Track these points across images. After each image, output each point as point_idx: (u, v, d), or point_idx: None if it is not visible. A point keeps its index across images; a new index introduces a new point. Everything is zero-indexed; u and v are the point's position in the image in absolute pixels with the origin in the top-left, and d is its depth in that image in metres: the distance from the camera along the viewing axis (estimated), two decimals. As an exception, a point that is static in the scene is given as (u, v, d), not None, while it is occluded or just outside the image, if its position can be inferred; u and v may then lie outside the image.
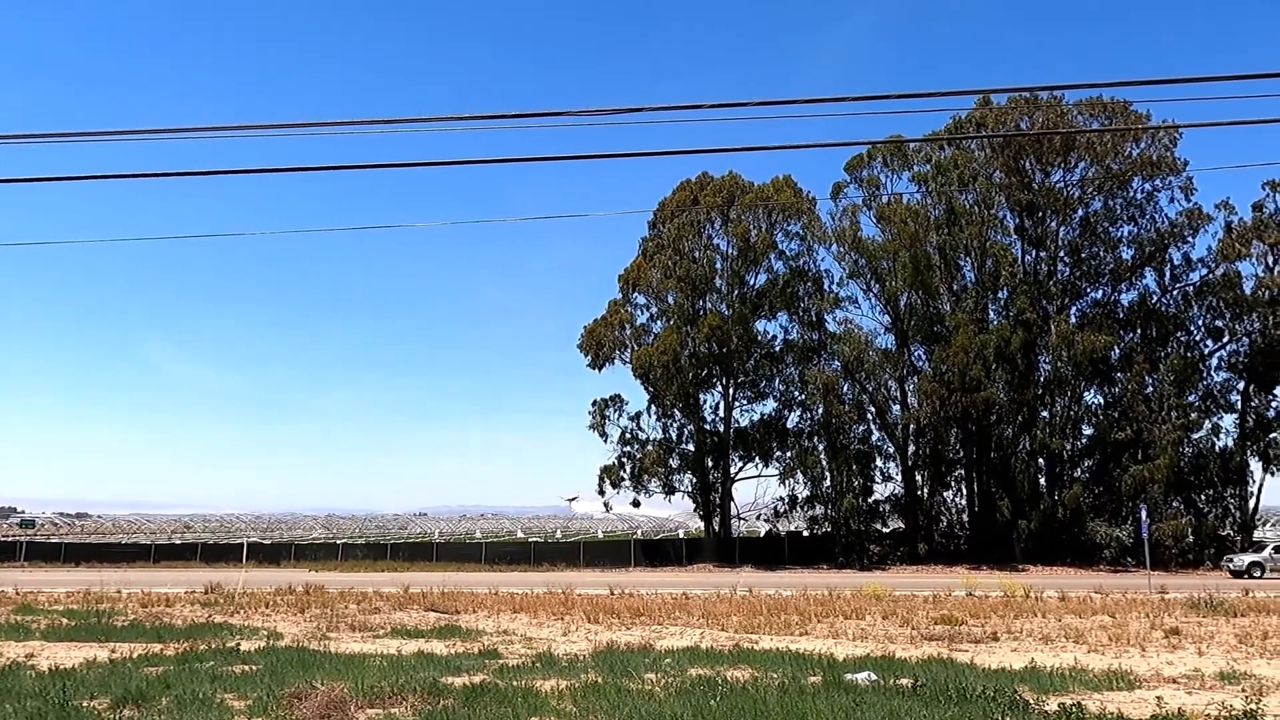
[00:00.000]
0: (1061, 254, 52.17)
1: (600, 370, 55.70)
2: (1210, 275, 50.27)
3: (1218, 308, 50.32)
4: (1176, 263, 51.25)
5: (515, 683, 11.43)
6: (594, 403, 56.18)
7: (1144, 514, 33.45)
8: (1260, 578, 39.43)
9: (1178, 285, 51.41)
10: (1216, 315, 50.66)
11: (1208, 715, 9.47)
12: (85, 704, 10.20)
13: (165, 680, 11.74)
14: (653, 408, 55.39)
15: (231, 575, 36.84)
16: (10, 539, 71.86)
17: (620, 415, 55.97)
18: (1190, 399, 49.09)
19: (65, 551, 61.00)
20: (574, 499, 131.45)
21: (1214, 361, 51.08)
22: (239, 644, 16.07)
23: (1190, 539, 46.22)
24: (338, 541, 70.85)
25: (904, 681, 11.39)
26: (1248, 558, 41.94)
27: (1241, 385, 50.17)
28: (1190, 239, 50.63)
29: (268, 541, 72.75)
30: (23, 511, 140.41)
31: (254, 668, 13.02)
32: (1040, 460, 51.00)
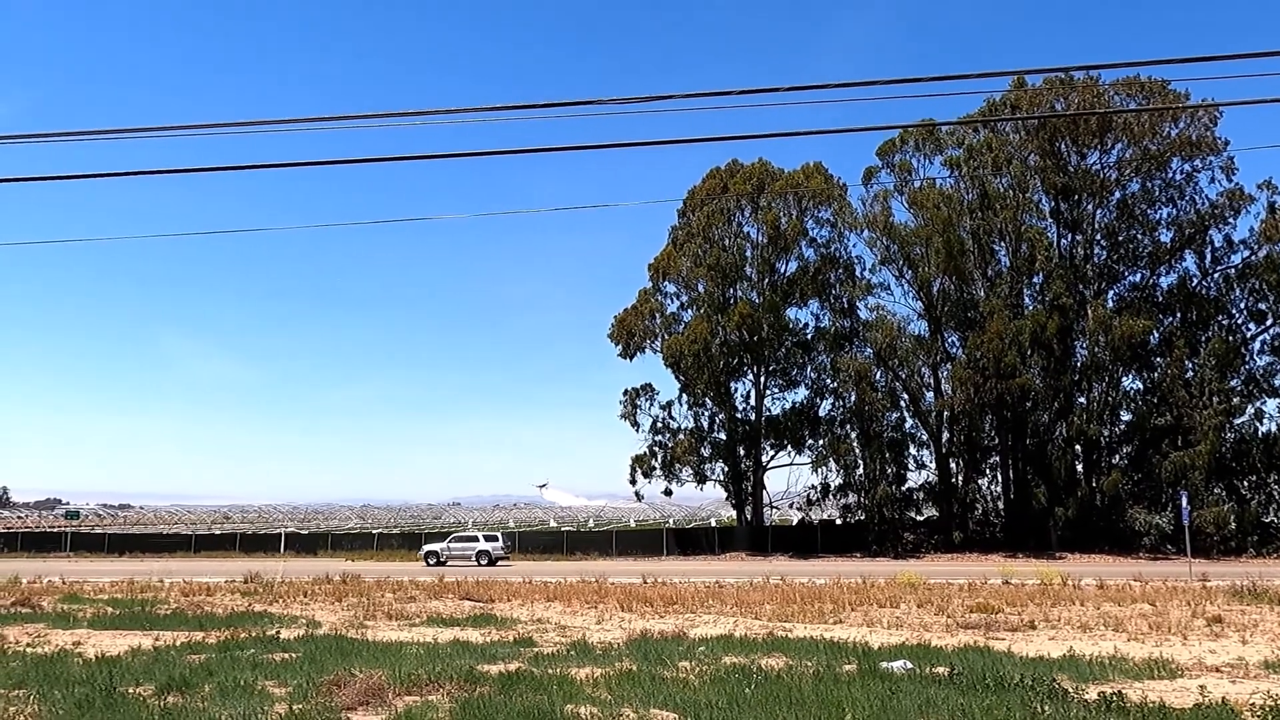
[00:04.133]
0: (1098, 237, 51.31)
1: (631, 359, 55.85)
2: (1253, 257, 49.18)
3: (1260, 290, 49.20)
4: (1217, 244, 50.24)
5: (550, 670, 11.50)
6: (625, 392, 56.33)
7: (1184, 501, 32.87)
8: (438, 565, 43.67)
9: (1219, 268, 50.36)
10: (1259, 298, 49.54)
11: (1252, 704, 9.30)
12: (131, 691, 10.40)
13: (208, 668, 11.96)
14: (684, 396, 55.39)
15: (270, 565, 37.43)
16: (56, 530, 73.61)
17: (651, 404, 56.08)
18: (1232, 383, 48.10)
19: (109, 542, 62.35)
20: (544, 485, 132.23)
21: (1256, 345, 50.04)
22: (279, 632, 16.32)
23: (1233, 526, 45.34)
24: (373, 531, 71.67)
25: (940, 670, 11.31)
26: (427, 547, 46.82)
27: (1285, 369, 49.10)
28: (1231, 220, 49.59)
29: (305, 532, 73.79)
30: (67, 503, 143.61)
31: (294, 656, 13.22)
32: (1077, 447, 50.29)
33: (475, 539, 46.99)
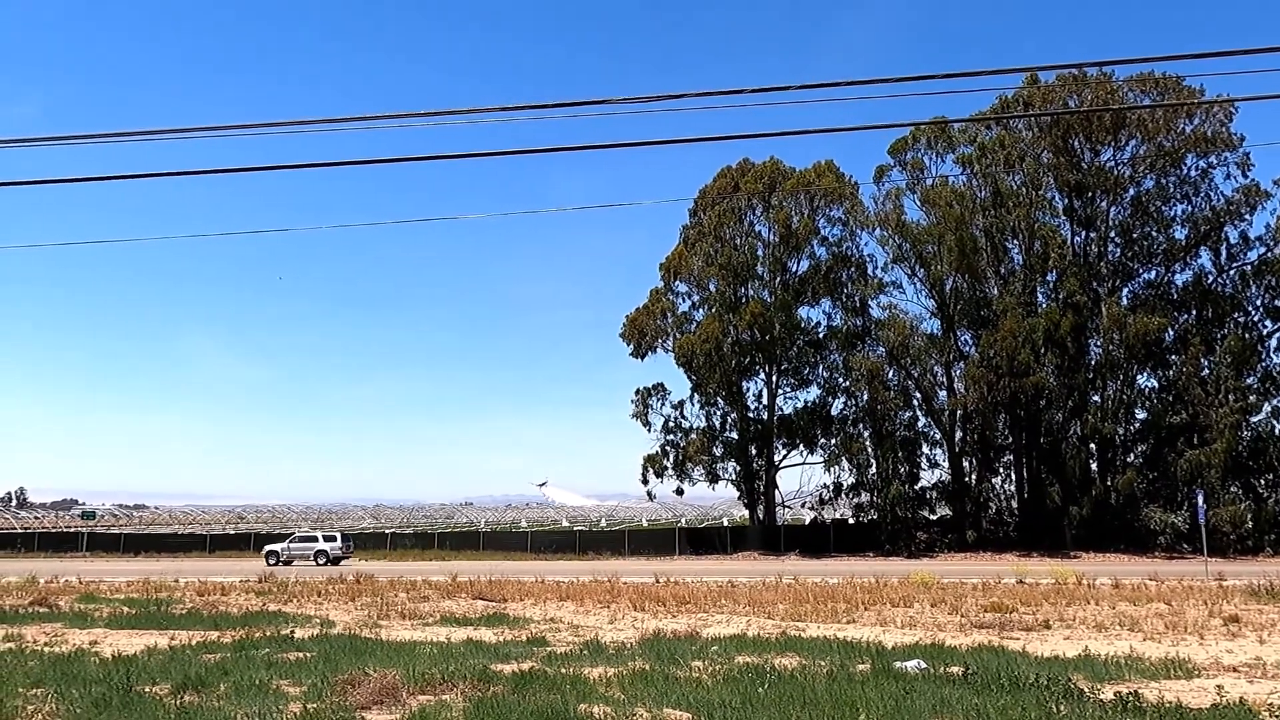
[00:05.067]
0: (1112, 234, 51.01)
1: (642, 359, 55.90)
2: (1269, 254, 48.87)
3: (1277, 287, 48.90)
4: (1233, 241, 49.94)
5: (564, 670, 11.51)
6: (637, 391, 56.38)
7: (1200, 499, 32.63)
8: (278, 564, 45.86)
9: (1234, 264, 50.03)
10: (1276, 295, 49.21)
11: (1270, 705, 9.23)
12: (147, 690, 10.46)
13: (223, 667, 12.01)
14: (695, 396, 55.40)
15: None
16: (72, 530, 74.16)
17: (663, 404, 56.12)
18: (1249, 381, 47.77)
19: (124, 542, 62.81)
20: (543, 484, 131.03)
21: (1273, 343, 49.73)
22: (293, 632, 16.38)
23: (1249, 525, 45.04)
24: (386, 531, 71.96)
25: (954, 669, 11.26)
26: (268, 547, 49.80)
27: (1303, 366, 48.70)
28: (1247, 216, 49.27)
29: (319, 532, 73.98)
30: (83, 503, 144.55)
31: (308, 655, 13.26)
32: (1091, 445, 50.03)
33: (315, 539, 50.31)
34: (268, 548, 50.01)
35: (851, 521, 54.57)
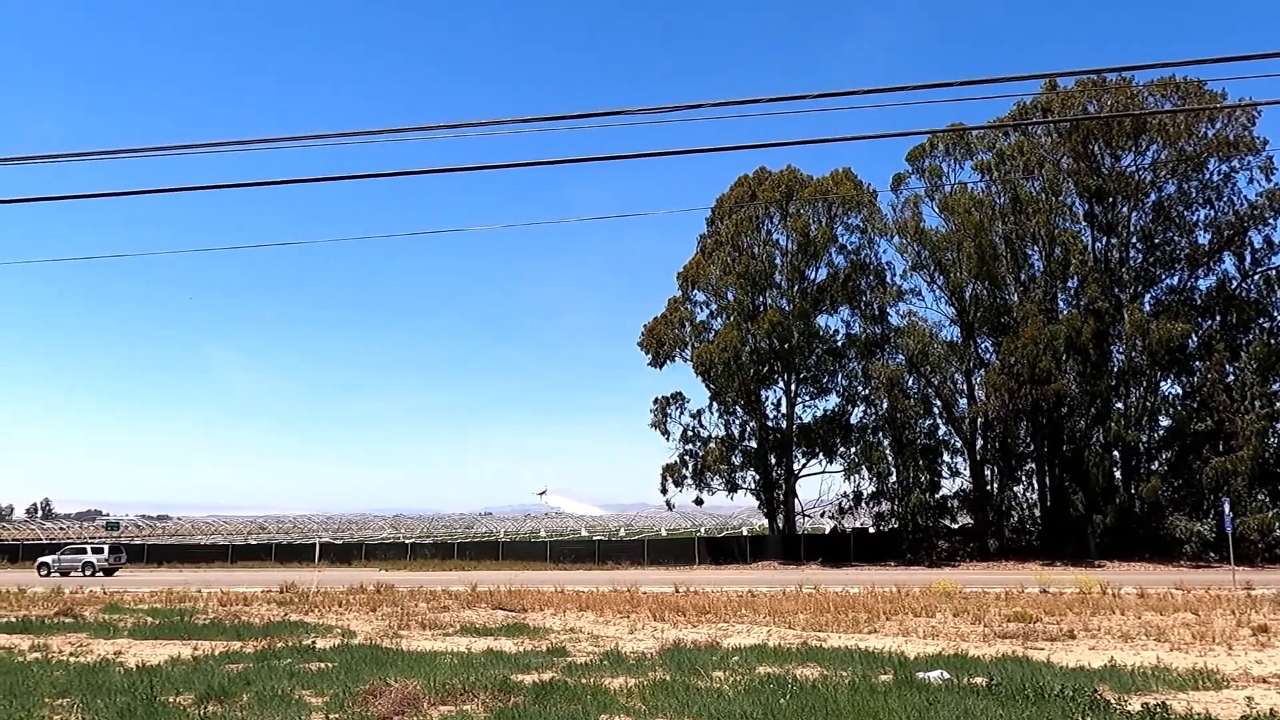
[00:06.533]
0: (1134, 240, 50.57)
1: (661, 368, 55.83)
2: (1293, 258, 48.29)
3: (1302, 292, 48.31)
4: (1257, 246, 49.39)
5: (584, 680, 11.50)
6: (655, 400, 56.32)
7: (1227, 507, 32.17)
8: (48, 575, 46.91)
9: (1259, 269, 49.47)
10: (1302, 300, 48.63)
11: (1302, 716, 9.08)
12: (171, 700, 10.55)
13: (246, 677, 12.09)
14: (714, 405, 55.28)
15: (305, 575, 37.84)
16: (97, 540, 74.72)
17: (682, 413, 56.01)
18: (1275, 387, 47.17)
19: (148, 552, 63.30)
20: (543, 492, 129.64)
21: (1300, 348, 49.02)
22: (315, 642, 16.46)
23: (1277, 533, 44.42)
24: (406, 541, 72.06)
25: (978, 680, 11.17)
26: (40, 559, 51.01)
27: (1330, 372, 48.02)
28: (1271, 221, 48.74)
29: (339, 542, 74.40)
30: (107, 514, 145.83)
31: (330, 665, 13.32)
32: (1115, 453, 49.53)
33: (84, 551, 51.70)
34: (40, 559, 51.52)
35: (872, 530, 54.23)
